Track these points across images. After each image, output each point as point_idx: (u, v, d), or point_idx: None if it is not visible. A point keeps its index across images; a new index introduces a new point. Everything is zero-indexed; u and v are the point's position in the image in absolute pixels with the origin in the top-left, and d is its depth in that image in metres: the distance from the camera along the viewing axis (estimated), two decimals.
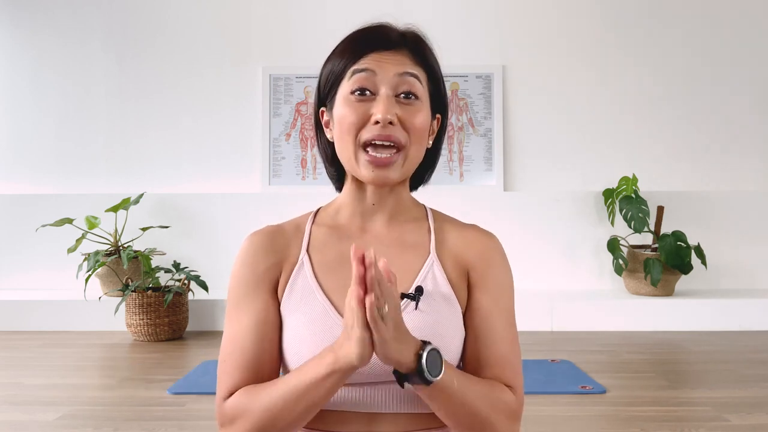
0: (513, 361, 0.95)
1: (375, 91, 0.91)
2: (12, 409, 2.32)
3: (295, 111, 4.32)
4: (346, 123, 0.92)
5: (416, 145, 0.94)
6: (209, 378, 2.66)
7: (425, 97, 0.95)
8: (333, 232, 0.99)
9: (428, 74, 0.96)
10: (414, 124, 0.92)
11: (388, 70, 0.91)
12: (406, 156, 0.93)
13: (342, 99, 0.93)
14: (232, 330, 0.95)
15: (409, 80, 0.92)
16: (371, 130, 0.91)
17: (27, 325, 3.73)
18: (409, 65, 0.93)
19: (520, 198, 4.22)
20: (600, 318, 3.69)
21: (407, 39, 0.95)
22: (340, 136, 0.93)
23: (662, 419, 2.17)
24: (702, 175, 4.29)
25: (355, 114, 0.91)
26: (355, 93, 0.91)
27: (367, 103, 0.91)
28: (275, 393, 0.87)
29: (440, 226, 1.01)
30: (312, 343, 0.90)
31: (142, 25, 4.37)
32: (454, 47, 4.23)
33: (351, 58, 0.93)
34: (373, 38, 0.93)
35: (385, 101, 0.90)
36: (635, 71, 4.30)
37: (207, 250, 4.14)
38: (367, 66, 0.91)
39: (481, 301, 0.96)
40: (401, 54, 0.93)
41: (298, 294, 0.95)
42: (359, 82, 0.91)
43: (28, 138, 4.38)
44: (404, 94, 0.92)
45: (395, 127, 0.91)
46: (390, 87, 0.91)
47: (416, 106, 0.93)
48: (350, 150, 0.92)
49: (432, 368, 0.82)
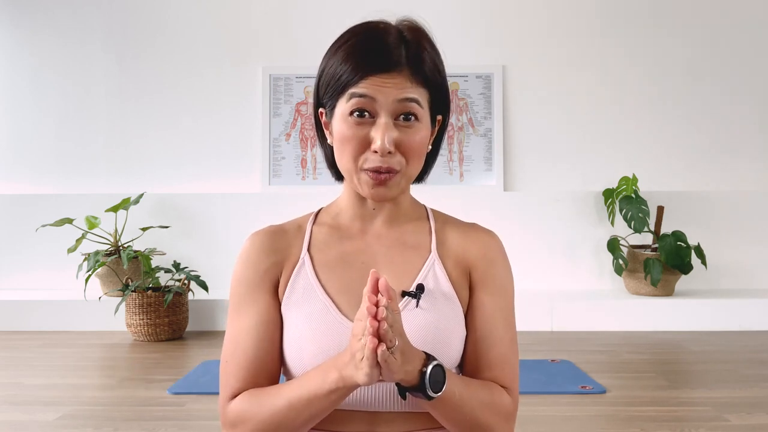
0: (512, 362, 0.96)
1: (374, 114, 0.90)
2: (12, 409, 2.32)
3: (295, 111, 4.32)
4: (345, 146, 0.91)
5: (415, 164, 0.94)
6: (209, 378, 2.66)
7: (425, 115, 0.93)
8: (334, 232, 1.00)
9: (430, 90, 0.94)
10: (412, 147, 0.91)
11: (388, 95, 0.89)
12: (403, 175, 0.93)
13: (341, 116, 0.92)
14: (234, 330, 0.95)
15: (409, 105, 0.91)
16: (371, 161, 0.90)
17: (27, 325, 3.73)
18: (409, 89, 0.90)
19: (520, 198, 4.22)
20: (600, 318, 3.69)
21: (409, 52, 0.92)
22: (339, 155, 0.94)
23: (662, 419, 2.17)
24: (702, 175, 4.29)
25: (355, 138, 0.90)
26: (354, 114, 0.90)
27: (365, 126, 0.90)
28: (278, 402, 0.88)
29: (441, 225, 1.02)
30: (313, 341, 0.91)
31: (142, 25, 4.37)
32: (454, 47, 4.22)
33: (350, 77, 0.90)
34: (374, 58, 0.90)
35: (384, 129, 0.89)
36: (635, 71, 4.30)
37: (207, 250, 4.13)
38: (367, 92, 0.89)
39: (483, 301, 0.96)
40: (402, 76, 0.90)
41: (299, 293, 0.95)
42: (358, 105, 0.90)
43: (28, 138, 4.38)
44: (404, 116, 0.91)
45: (393, 157, 0.90)
46: (389, 113, 0.90)
47: (415, 128, 0.92)
48: (350, 169, 0.93)
49: (434, 385, 0.83)
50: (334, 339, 0.90)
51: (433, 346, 0.90)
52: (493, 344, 0.95)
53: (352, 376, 0.80)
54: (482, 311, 0.96)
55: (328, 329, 0.91)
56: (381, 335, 0.76)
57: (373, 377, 0.78)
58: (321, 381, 0.84)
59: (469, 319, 0.96)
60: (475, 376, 0.95)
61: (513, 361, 0.96)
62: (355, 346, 0.79)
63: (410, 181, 0.96)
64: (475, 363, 0.95)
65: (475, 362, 0.95)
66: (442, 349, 0.91)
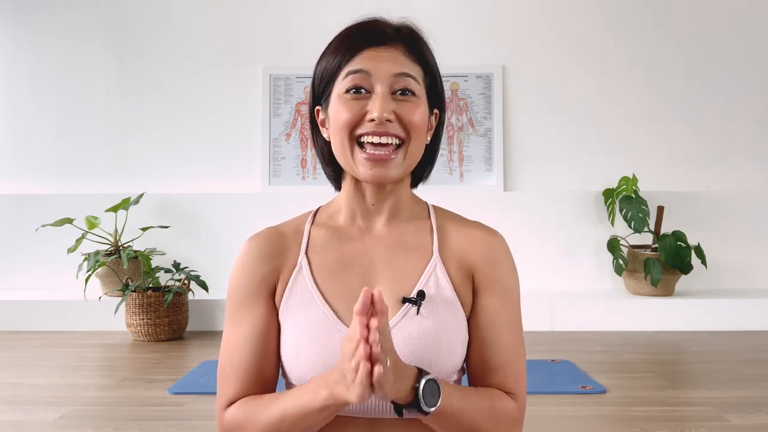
0: (517, 367, 0.94)
1: (370, 89, 0.89)
2: (12, 409, 2.32)
3: (295, 111, 4.32)
4: (340, 120, 0.90)
5: (416, 141, 0.91)
6: (209, 378, 2.66)
7: (422, 93, 0.92)
8: (333, 234, 0.97)
9: (424, 70, 0.93)
10: (412, 120, 0.90)
11: (384, 69, 0.89)
12: (405, 152, 0.91)
13: (337, 97, 0.91)
14: (230, 338, 0.94)
15: (405, 80, 0.90)
16: (367, 127, 0.89)
17: (27, 325, 3.73)
18: (404, 63, 0.90)
19: (520, 198, 4.22)
20: (600, 318, 3.69)
21: (402, 33, 0.93)
22: (335, 133, 0.91)
23: (662, 419, 2.17)
24: (702, 175, 4.28)
25: (351, 111, 0.89)
26: (350, 91, 0.89)
27: (362, 100, 0.89)
28: (273, 414, 0.87)
29: (443, 224, 0.99)
30: (311, 347, 0.89)
31: (142, 25, 4.37)
32: (454, 47, 4.23)
33: (345, 56, 0.90)
34: (367, 34, 0.91)
35: (381, 99, 0.88)
36: (635, 71, 4.30)
37: (207, 250, 4.13)
38: (362, 66, 0.89)
39: (486, 305, 0.94)
40: (396, 50, 0.90)
41: (296, 298, 0.93)
42: (354, 81, 0.89)
43: (28, 138, 4.38)
44: (401, 91, 0.90)
45: (392, 124, 0.89)
46: (386, 85, 0.89)
47: (413, 102, 0.90)
48: (346, 147, 0.90)
49: (429, 400, 0.81)
50: (333, 347, 0.88)
51: (433, 353, 0.88)
52: (497, 349, 0.93)
53: (342, 395, 0.78)
54: (486, 315, 0.93)
55: (327, 337, 0.89)
56: (374, 358, 0.74)
57: (364, 398, 0.76)
58: (312, 397, 0.83)
59: (473, 323, 0.94)
60: (479, 380, 0.94)
61: (518, 366, 0.94)
62: (345, 368, 0.77)
63: (411, 163, 0.93)
64: (480, 367, 0.93)
65: (479, 367, 0.94)
66: (441, 356, 0.89)
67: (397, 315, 0.90)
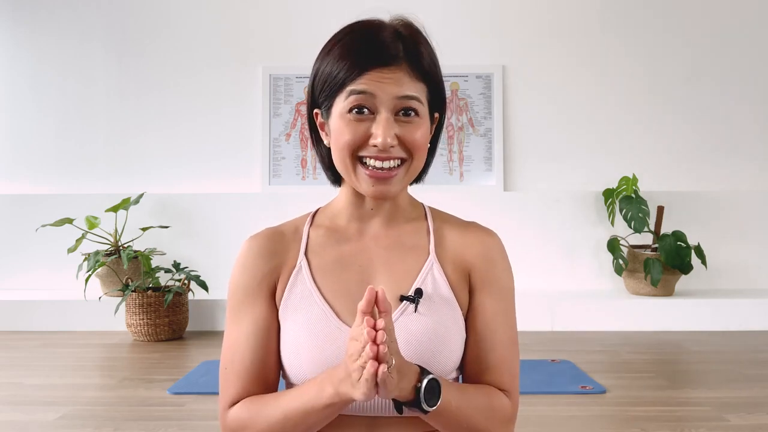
0: (512, 365, 0.95)
1: (374, 110, 0.89)
2: (12, 409, 2.32)
3: (295, 111, 4.32)
4: (342, 140, 0.90)
5: (417, 159, 0.92)
6: (209, 378, 2.66)
7: (425, 111, 0.92)
8: (331, 235, 0.98)
9: (428, 85, 0.93)
10: (415, 141, 0.90)
11: (388, 91, 0.88)
12: (407, 169, 0.92)
13: (339, 115, 0.90)
14: (232, 338, 0.95)
15: (408, 102, 0.89)
16: (370, 151, 0.89)
17: (27, 325, 3.73)
18: (408, 84, 0.89)
19: (520, 198, 4.22)
20: (600, 318, 3.69)
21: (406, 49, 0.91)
22: (337, 150, 0.91)
23: (662, 419, 2.17)
24: (702, 175, 4.28)
25: (353, 134, 0.89)
26: (353, 111, 0.89)
27: (365, 122, 0.89)
28: (276, 413, 0.88)
29: (439, 225, 1.00)
30: (311, 347, 0.90)
31: (142, 24, 4.37)
32: (454, 47, 4.23)
33: (349, 73, 0.89)
34: (372, 53, 0.89)
35: (385, 124, 0.88)
36: (635, 71, 4.30)
37: (207, 250, 4.13)
38: (366, 88, 0.88)
39: (483, 304, 0.95)
40: (400, 71, 0.89)
41: (296, 298, 0.94)
42: (358, 102, 0.88)
43: (28, 138, 4.38)
44: (403, 112, 0.90)
45: (395, 148, 0.89)
46: (389, 109, 0.89)
47: (416, 124, 0.90)
48: (348, 165, 0.91)
49: (430, 399, 0.83)
50: (333, 346, 0.89)
51: (432, 350, 0.90)
52: (493, 347, 0.94)
53: (348, 393, 0.80)
54: (482, 314, 0.95)
55: (327, 336, 0.90)
56: (380, 358, 0.76)
57: (370, 396, 0.78)
58: (316, 395, 0.84)
59: (470, 322, 0.95)
60: (475, 378, 0.95)
61: (513, 364, 0.96)
62: (351, 366, 0.78)
63: (412, 177, 0.95)
64: (476, 366, 0.95)
65: (475, 365, 0.95)
66: (440, 353, 0.90)
67: (395, 313, 0.92)
